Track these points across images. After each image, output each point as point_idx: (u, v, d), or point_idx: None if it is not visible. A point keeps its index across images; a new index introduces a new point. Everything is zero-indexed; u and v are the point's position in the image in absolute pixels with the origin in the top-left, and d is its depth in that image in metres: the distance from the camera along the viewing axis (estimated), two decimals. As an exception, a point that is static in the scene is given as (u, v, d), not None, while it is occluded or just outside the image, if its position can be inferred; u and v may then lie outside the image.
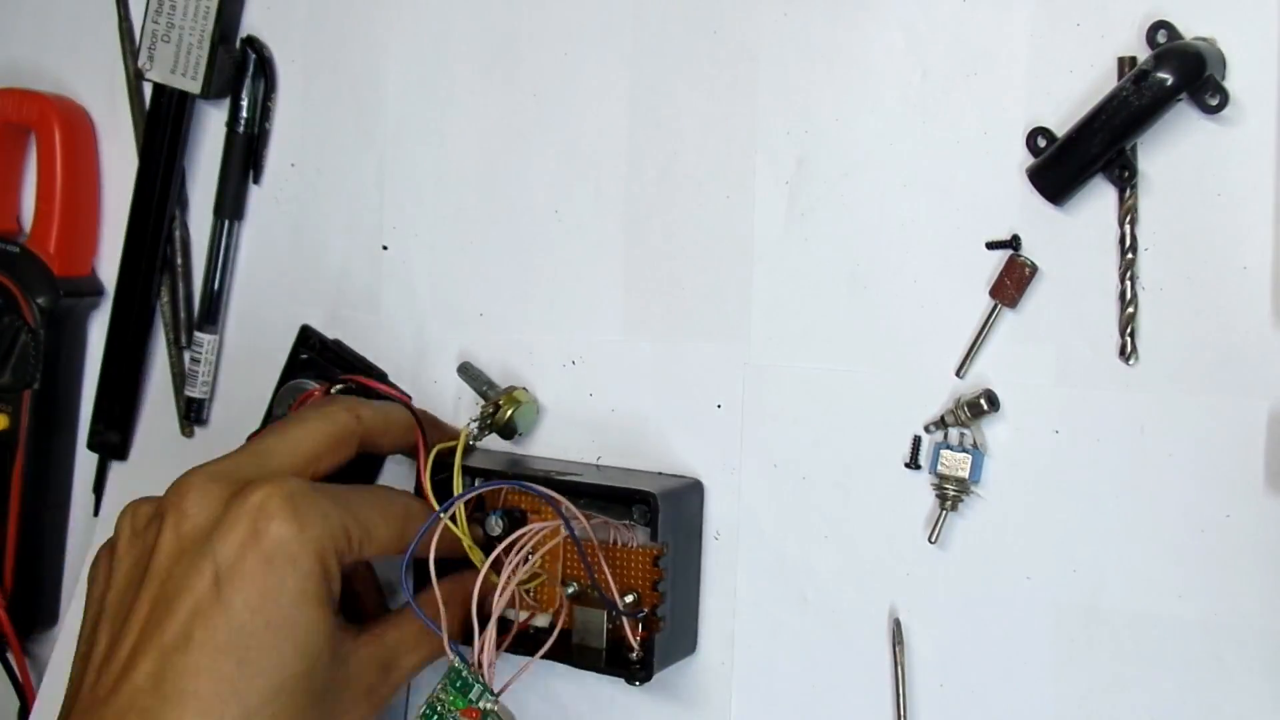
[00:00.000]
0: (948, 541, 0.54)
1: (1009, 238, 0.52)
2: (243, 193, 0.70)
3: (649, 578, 0.55)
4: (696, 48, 0.58)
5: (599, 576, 0.54)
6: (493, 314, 0.64)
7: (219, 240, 0.71)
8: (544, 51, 0.62)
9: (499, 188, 0.64)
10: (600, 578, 0.54)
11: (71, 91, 0.76)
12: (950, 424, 0.53)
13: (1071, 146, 0.50)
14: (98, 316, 0.76)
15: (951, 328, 0.53)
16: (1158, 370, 0.50)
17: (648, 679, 0.55)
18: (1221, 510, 0.49)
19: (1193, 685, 0.50)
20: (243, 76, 0.69)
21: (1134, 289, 0.50)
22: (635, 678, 0.55)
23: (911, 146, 0.54)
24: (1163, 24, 0.49)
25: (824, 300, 0.56)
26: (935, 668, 0.54)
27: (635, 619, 0.54)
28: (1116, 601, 0.51)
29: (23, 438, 0.74)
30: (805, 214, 0.56)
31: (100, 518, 0.77)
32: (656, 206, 0.60)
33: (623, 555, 0.56)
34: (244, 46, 0.69)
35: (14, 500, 0.75)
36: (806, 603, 0.57)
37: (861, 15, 0.55)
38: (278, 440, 0.55)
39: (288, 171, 0.69)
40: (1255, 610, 0.49)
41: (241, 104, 0.69)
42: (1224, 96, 0.47)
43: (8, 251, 0.74)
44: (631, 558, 0.56)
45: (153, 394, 0.75)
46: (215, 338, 0.72)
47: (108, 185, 0.76)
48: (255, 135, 0.69)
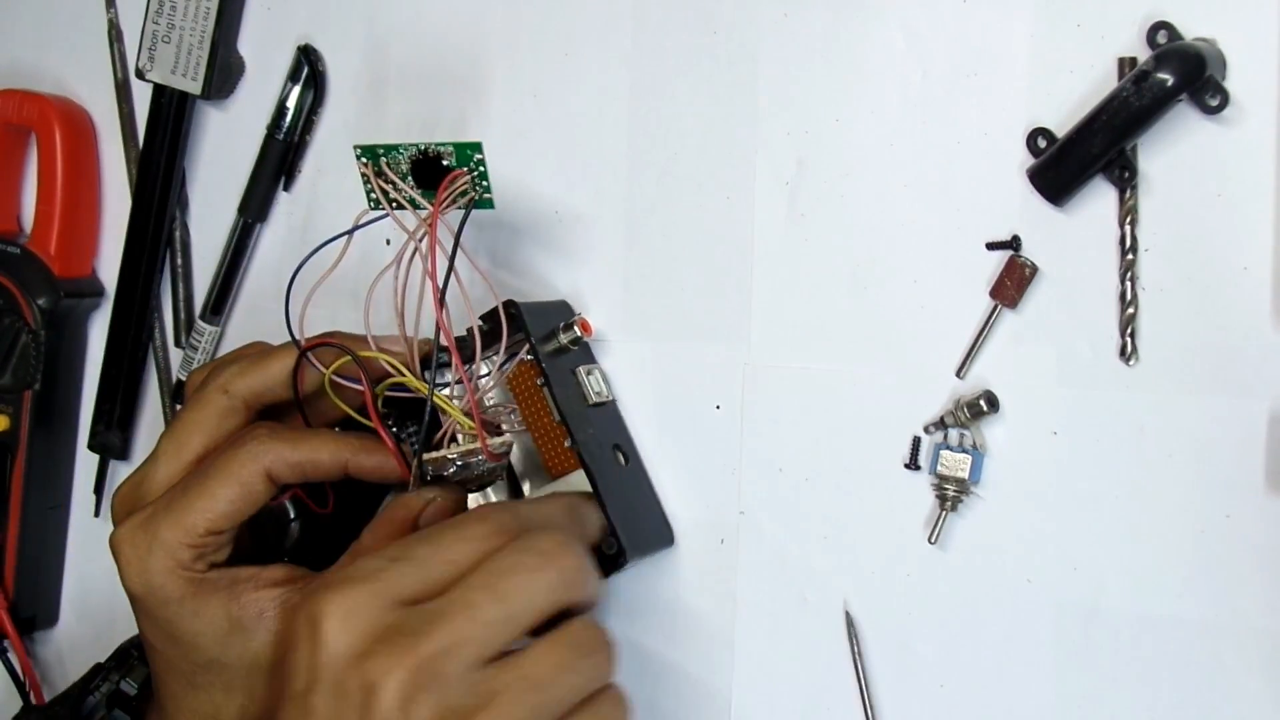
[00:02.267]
0: (948, 542, 0.54)
1: (1009, 238, 0.52)
2: (271, 196, 0.70)
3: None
4: (696, 48, 0.58)
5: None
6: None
7: (238, 239, 0.71)
8: (544, 51, 0.62)
9: (498, 188, 0.64)
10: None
11: (71, 92, 0.76)
12: (950, 425, 0.53)
13: (1072, 147, 0.50)
14: (98, 317, 0.76)
15: (951, 328, 0.53)
16: (1158, 370, 0.50)
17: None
18: (1221, 510, 0.49)
19: (1193, 685, 0.50)
20: (290, 84, 0.68)
21: (1134, 289, 0.50)
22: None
23: (911, 147, 0.54)
24: (1163, 24, 0.49)
25: (824, 300, 0.56)
26: (935, 668, 0.54)
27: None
28: (1116, 602, 0.51)
29: (23, 438, 0.74)
30: (805, 214, 0.56)
31: (100, 518, 0.77)
32: (656, 206, 0.60)
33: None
34: (299, 55, 0.68)
35: (14, 500, 0.75)
36: (806, 603, 0.57)
37: (861, 15, 0.55)
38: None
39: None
40: (1255, 610, 0.49)
41: (286, 111, 0.68)
42: (1224, 97, 0.47)
43: (8, 252, 0.74)
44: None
45: (153, 394, 0.75)
46: (217, 330, 0.72)
47: (108, 185, 0.76)
48: (293, 144, 0.69)
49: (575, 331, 0.57)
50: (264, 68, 0.70)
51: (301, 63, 0.68)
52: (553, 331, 0.57)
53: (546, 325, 0.57)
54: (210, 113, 0.72)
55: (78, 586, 0.78)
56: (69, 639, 0.79)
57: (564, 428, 0.56)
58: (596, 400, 0.58)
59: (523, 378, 0.59)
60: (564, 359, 0.58)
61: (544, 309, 0.59)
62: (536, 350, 0.56)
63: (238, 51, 0.70)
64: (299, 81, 0.68)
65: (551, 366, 0.56)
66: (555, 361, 0.57)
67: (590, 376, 0.58)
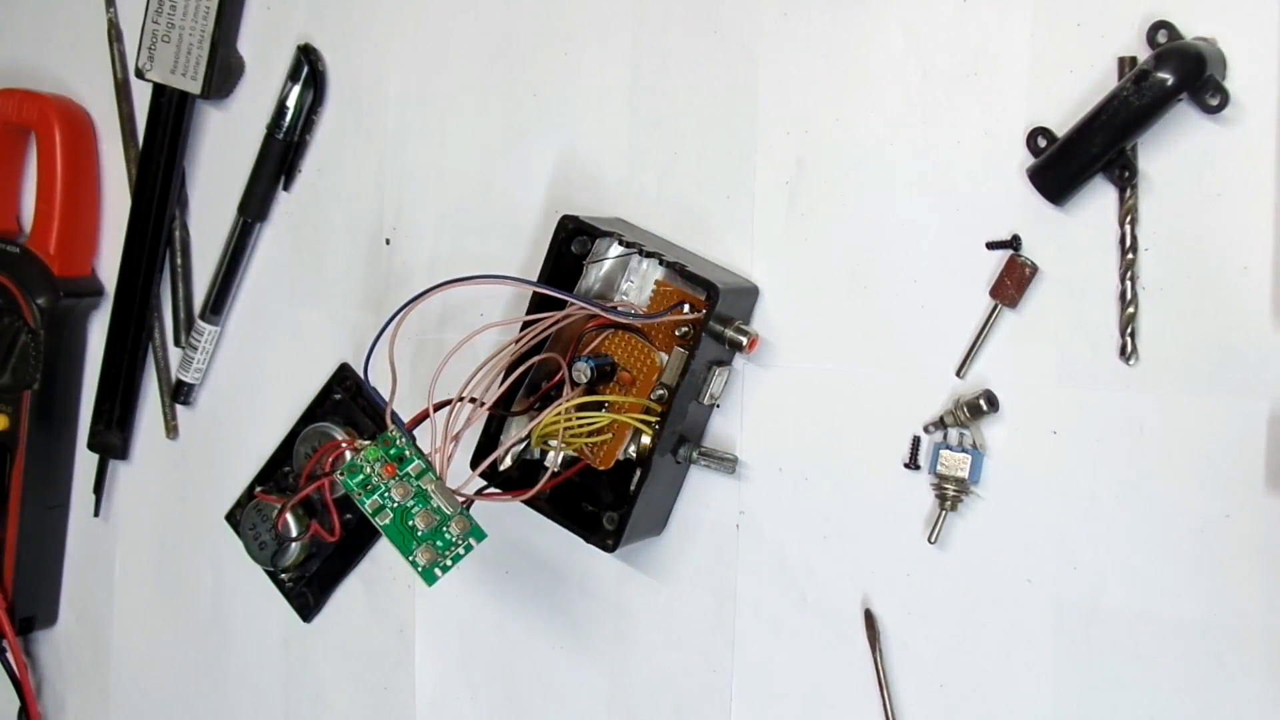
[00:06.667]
0: (948, 542, 0.54)
1: (1009, 238, 0.52)
2: (271, 196, 0.70)
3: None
4: (696, 48, 0.58)
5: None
6: (493, 315, 0.64)
7: (238, 238, 0.70)
8: (544, 51, 0.62)
9: (498, 186, 0.64)
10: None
11: (71, 91, 0.76)
12: (950, 424, 0.53)
13: (1072, 146, 0.49)
14: (97, 316, 0.76)
15: (951, 328, 0.53)
16: (1158, 370, 0.50)
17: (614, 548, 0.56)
18: (1221, 510, 0.49)
19: (1193, 685, 0.50)
20: (290, 83, 0.68)
21: (1134, 289, 0.50)
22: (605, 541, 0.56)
23: (911, 146, 0.54)
24: (1163, 24, 0.49)
25: (824, 300, 0.56)
26: (936, 668, 0.54)
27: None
28: (1116, 601, 0.51)
29: (23, 438, 0.74)
30: (805, 214, 0.56)
31: (100, 518, 0.77)
32: (656, 206, 0.60)
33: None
34: (298, 55, 0.68)
35: (14, 500, 0.75)
36: (806, 603, 0.57)
37: (861, 15, 0.55)
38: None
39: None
40: (1255, 610, 0.49)
41: (286, 110, 0.68)
42: (1224, 96, 0.47)
43: (8, 252, 0.74)
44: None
45: (152, 394, 0.75)
46: (217, 329, 0.72)
47: (108, 185, 0.76)
48: (294, 144, 0.69)
49: (741, 341, 0.56)
50: (264, 67, 0.70)
51: (301, 62, 0.68)
52: (727, 319, 0.56)
53: (728, 310, 0.56)
54: (210, 112, 0.72)
55: (77, 586, 0.78)
56: (69, 639, 0.79)
57: (664, 406, 0.56)
58: (708, 401, 0.57)
59: (663, 298, 0.58)
60: (712, 347, 0.56)
61: (738, 294, 0.57)
62: (705, 328, 0.55)
63: (238, 51, 0.70)
64: (299, 81, 0.68)
65: (703, 347, 0.55)
66: (707, 343, 0.56)
67: (718, 378, 0.57)
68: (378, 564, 0.68)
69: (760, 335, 0.57)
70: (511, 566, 0.64)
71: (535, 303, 0.58)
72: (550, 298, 0.57)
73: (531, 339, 0.57)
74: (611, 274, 0.59)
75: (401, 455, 0.56)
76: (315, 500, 0.67)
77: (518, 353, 0.57)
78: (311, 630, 0.71)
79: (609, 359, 0.58)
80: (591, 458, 0.58)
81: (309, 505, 0.67)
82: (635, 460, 0.57)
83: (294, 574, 0.70)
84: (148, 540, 0.76)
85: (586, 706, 0.63)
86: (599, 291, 0.59)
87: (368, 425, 0.67)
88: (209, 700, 0.75)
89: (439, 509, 0.55)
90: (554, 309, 0.57)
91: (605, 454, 0.58)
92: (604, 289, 0.59)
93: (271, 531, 0.67)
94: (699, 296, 0.56)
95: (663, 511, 0.59)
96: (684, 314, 0.56)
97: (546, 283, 0.57)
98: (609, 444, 0.58)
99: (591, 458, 0.58)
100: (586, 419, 0.56)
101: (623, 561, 0.61)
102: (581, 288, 0.59)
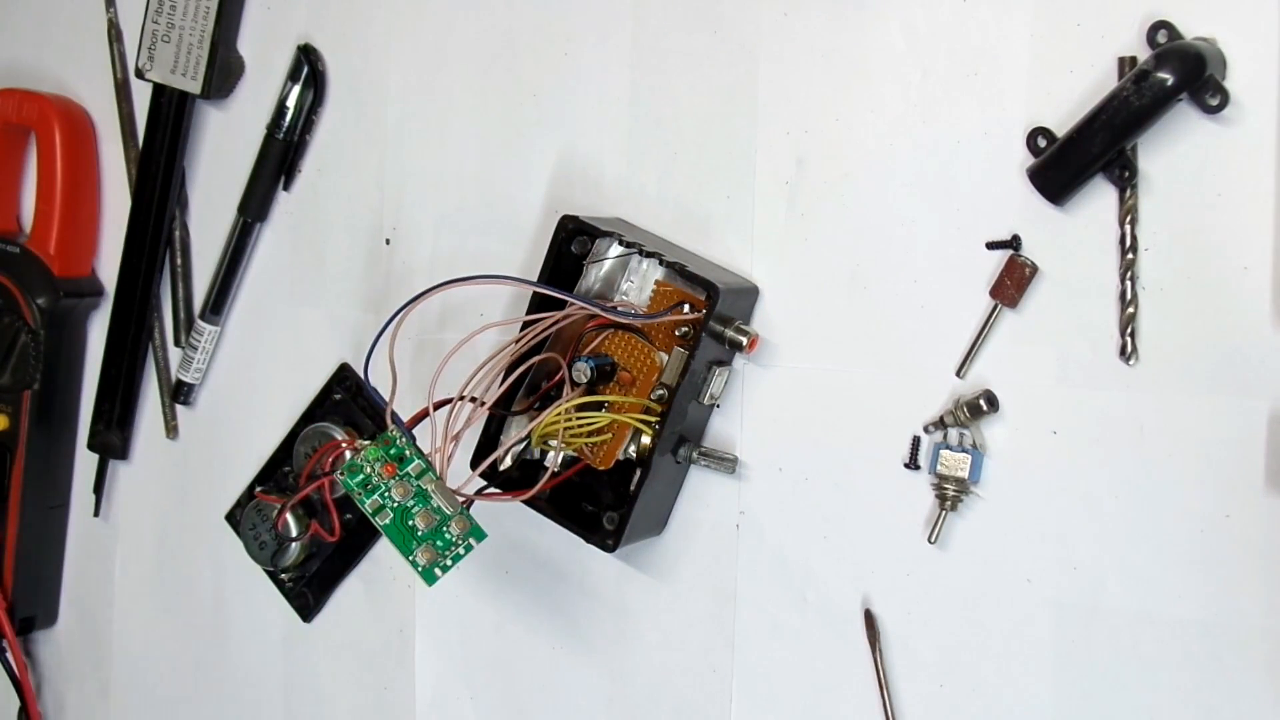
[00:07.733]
0: (947, 541, 0.54)
1: (1009, 238, 0.52)
2: (271, 196, 0.70)
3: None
4: (696, 48, 0.58)
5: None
6: (493, 315, 0.64)
7: (238, 238, 0.70)
8: (544, 51, 0.62)
9: (498, 186, 0.64)
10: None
11: (71, 91, 0.76)
12: (950, 424, 0.53)
13: (1072, 146, 0.49)
14: (97, 316, 0.76)
15: (951, 328, 0.53)
16: (1158, 370, 0.50)
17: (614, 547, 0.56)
18: (1221, 510, 0.49)
19: (1193, 685, 0.50)
20: (290, 83, 0.68)
21: (1134, 289, 0.50)
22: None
23: (911, 146, 0.54)
24: (1163, 24, 0.49)
25: (824, 300, 0.56)
26: (936, 668, 0.54)
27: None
28: (1116, 601, 0.51)
29: (23, 438, 0.74)
30: (805, 214, 0.56)
31: (100, 517, 0.77)
32: (656, 206, 0.60)
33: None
34: (298, 55, 0.68)
35: (14, 500, 0.75)
36: (806, 603, 0.57)
37: (861, 15, 0.55)
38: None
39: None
40: (1255, 610, 0.49)
41: (286, 110, 0.68)
42: (1224, 96, 0.47)
43: (8, 252, 0.74)
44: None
45: (152, 394, 0.75)
46: (217, 329, 0.72)
47: (108, 185, 0.76)
48: (294, 144, 0.69)
49: (741, 341, 0.56)
50: (264, 67, 0.70)
51: (301, 62, 0.68)
52: (727, 319, 0.56)
53: (728, 310, 0.56)
54: (210, 112, 0.72)
55: (77, 586, 0.78)
56: (69, 639, 0.79)
57: (664, 406, 0.56)
58: (708, 401, 0.57)
59: (663, 298, 0.58)
60: (712, 347, 0.56)
61: (738, 294, 0.57)
62: (705, 328, 0.55)
63: (237, 51, 0.70)
64: (299, 81, 0.68)
65: (703, 347, 0.55)
66: (707, 343, 0.56)
67: (718, 378, 0.57)
68: (378, 564, 0.69)
69: (760, 335, 0.57)
70: (511, 566, 0.64)
71: (535, 303, 0.58)
72: (550, 298, 0.57)
73: (531, 339, 0.57)
74: (611, 274, 0.59)
75: (401, 455, 0.56)
76: (315, 500, 0.67)
77: (518, 353, 0.57)
78: (311, 630, 0.71)
79: (609, 359, 0.58)
80: (591, 458, 0.58)
81: (309, 505, 0.67)
82: (635, 460, 0.57)
83: (294, 574, 0.70)
84: (148, 540, 0.76)
85: (586, 706, 0.63)
86: (599, 291, 0.59)
87: (368, 425, 0.67)
88: (209, 700, 0.75)
89: (439, 509, 0.55)
90: (554, 309, 0.57)
91: (605, 454, 0.58)
92: (604, 289, 0.59)
93: (271, 531, 0.67)
94: (699, 296, 0.56)
95: (663, 511, 0.59)
96: (684, 314, 0.56)
97: (546, 283, 0.57)
98: (609, 444, 0.58)
99: (591, 458, 0.58)
100: (586, 419, 0.56)
101: (623, 561, 0.61)
102: (581, 288, 0.59)
